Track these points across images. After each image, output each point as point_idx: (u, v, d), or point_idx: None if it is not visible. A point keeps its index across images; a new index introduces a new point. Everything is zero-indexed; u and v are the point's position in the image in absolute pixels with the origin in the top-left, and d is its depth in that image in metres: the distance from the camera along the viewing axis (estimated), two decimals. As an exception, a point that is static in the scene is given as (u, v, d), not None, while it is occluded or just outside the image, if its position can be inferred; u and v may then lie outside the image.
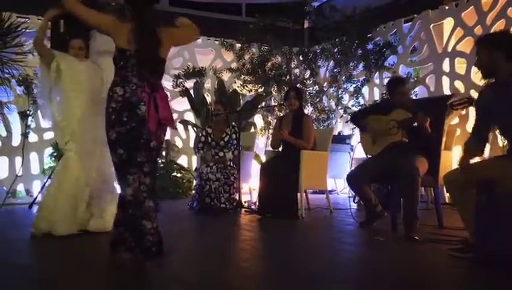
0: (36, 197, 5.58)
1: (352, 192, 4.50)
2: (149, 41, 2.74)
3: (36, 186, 6.58)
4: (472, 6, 6.13)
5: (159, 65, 2.82)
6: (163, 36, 2.81)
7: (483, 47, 2.88)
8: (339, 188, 7.70)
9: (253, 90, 8.00)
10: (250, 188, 6.33)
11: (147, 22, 2.77)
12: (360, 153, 4.69)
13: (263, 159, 6.44)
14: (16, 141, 6.69)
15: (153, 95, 2.74)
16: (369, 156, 4.39)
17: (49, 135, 6.85)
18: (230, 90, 7.79)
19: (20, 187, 6.68)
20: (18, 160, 6.59)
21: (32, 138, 6.75)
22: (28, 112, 6.50)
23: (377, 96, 7.44)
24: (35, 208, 5.28)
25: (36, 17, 6.73)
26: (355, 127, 7.36)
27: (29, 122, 6.59)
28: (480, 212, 2.81)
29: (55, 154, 6.55)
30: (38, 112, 6.68)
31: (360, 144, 4.43)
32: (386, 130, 4.09)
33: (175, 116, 7.87)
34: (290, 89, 5.29)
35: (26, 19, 6.49)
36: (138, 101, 2.67)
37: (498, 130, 3.19)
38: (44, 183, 5.77)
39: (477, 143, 2.96)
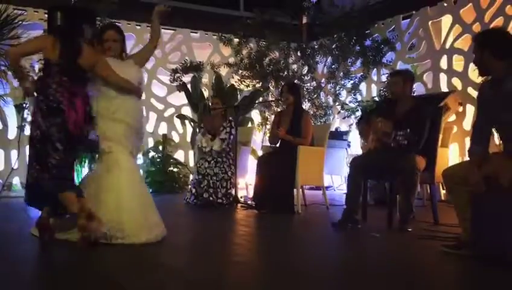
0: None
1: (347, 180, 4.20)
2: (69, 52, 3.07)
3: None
4: (470, 4, 6.13)
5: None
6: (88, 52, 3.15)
7: (476, 45, 2.90)
8: (336, 184, 7.71)
9: (250, 86, 7.99)
10: (246, 184, 6.33)
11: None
12: (356, 149, 4.69)
13: (260, 154, 6.43)
14: (12, 134, 6.66)
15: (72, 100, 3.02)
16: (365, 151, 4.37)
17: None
18: (228, 85, 7.77)
19: (15, 180, 6.66)
20: (14, 153, 6.57)
21: (29, 131, 6.71)
22: (24, 105, 6.47)
23: (374, 93, 7.44)
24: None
25: (33, 10, 6.70)
26: (352, 124, 7.37)
27: (25, 115, 6.56)
28: (476, 209, 2.82)
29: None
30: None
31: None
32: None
33: (172, 110, 7.86)
34: (284, 85, 5.32)
35: (23, 11, 6.46)
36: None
37: (494, 127, 3.20)
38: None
39: (479, 147, 2.94)
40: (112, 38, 3.37)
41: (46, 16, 4.50)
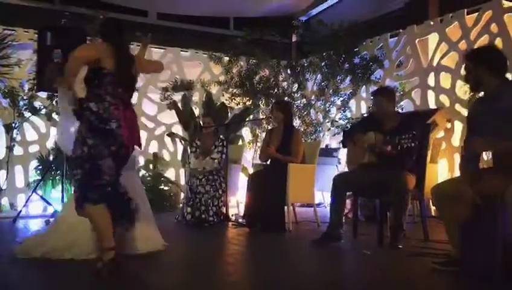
0: (20, 211, 5.50)
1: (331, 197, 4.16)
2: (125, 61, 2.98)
3: (21, 200, 6.49)
4: (456, 22, 6.23)
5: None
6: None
7: (469, 62, 2.93)
8: (327, 201, 7.70)
9: (241, 103, 8.01)
10: (237, 201, 6.31)
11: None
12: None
13: (251, 172, 6.43)
14: (1, 154, 6.61)
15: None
16: (355, 167, 4.32)
17: (34, 148, 6.79)
18: (218, 103, 7.80)
19: (4, 201, 6.58)
20: (2, 173, 6.51)
21: (17, 151, 6.68)
22: (13, 125, 6.44)
23: (363, 110, 7.50)
24: (19, 222, 5.21)
25: (23, 30, 6.70)
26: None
27: (14, 135, 6.53)
28: (465, 226, 2.83)
29: (40, 167, 6.49)
30: (24, 124, 6.63)
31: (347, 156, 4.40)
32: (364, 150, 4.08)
33: (163, 128, 7.85)
34: (274, 102, 5.39)
35: (13, 31, 6.46)
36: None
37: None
38: (29, 196, 5.70)
39: (470, 165, 2.96)
40: None
41: (36, 36, 4.51)
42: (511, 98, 2.73)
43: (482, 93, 3.04)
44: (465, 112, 5.51)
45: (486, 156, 4.77)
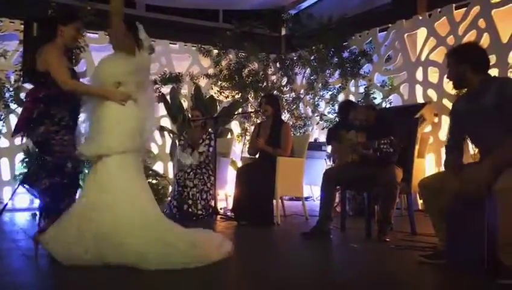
0: (6, 204, 5.42)
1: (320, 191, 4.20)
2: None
3: (6, 193, 6.42)
4: (445, 17, 6.27)
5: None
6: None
7: (452, 59, 2.96)
8: (315, 194, 7.74)
9: (230, 97, 8.00)
10: (226, 195, 6.31)
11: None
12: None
13: (239, 165, 6.43)
14: (-14, 146, 6.53)
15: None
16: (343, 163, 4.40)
17: (20, 140, 6.69)
18: (207, 96, 7.77)
19: (-8, 193, 6.51)
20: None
21: (3, 143, 6.59)
22: (-4, 118, 6.36)
23: (352, 104, 7.52)
24: (4, 215, 5.15)
25: (8, 20, 6.60)
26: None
27: (0, 127, 6.44)
28: (450, 218, 2.87)
29: (26, 160, 6.41)
30: (10, 116, 6.54)
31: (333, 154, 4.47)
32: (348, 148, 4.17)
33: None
34: (263, 96, 5.38)
35: (-1, 22, 6.37)
36: None
37: (469, 139, 3.27)
38: (15, 189, 5.63)
39: (454, 159, 3.00)
40: None
41: (23, 26, 4.44)
42: (493, 94, 2.75)
43: (465, 90, 3.07)
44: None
45: (473, 150, 4.83)
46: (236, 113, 7.63)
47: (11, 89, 6.43)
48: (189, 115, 6.30)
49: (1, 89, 6.27)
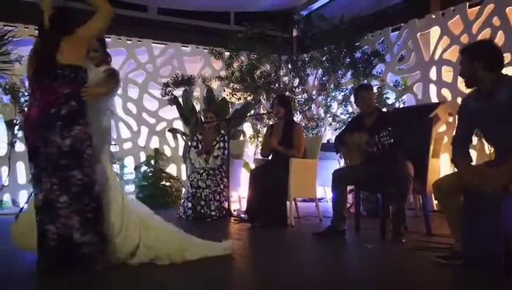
0: (22, 208, 5.49)
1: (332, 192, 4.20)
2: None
3: (23, 196, 6.49)
4: (458, 16, 6.21)
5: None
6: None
7: (465, 57, 2.93)
8: (328, 196, 7.70)
9: (242, 99, 8.01)
10: (239, 197, 6.32)
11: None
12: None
13: (252, 167, 6.43)
14: (2, 150, 6.61)
15: None
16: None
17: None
18: (219, 99, 7.79)
19: (6, 197, 6.59)
20: (4, 170, 6.51)
21: (19, 147, 6.68)
22: (14, 121, 6.43)
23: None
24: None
25: (23, 26, 6.69)
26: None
27: (15, 132, 6.52)
28: (467, 218, 2.83)
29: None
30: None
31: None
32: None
33: (164, 124, 7.84)
34: (275, 97, 5.37)
35: (13, 28, 6.45)
36: None
37: (484, 138, 3.23)
38: (31, 193, 5.69)
39: (461, 157, 2.97)
40: None
41: (37, 31, 4.48)
42: (507, 93, 2.72)
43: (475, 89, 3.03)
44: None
45: (488, 149, 4.77)
46: (248, 115, 7.64)
47: (26, 94, 6.51)
48: (202, 117, 6.33)
49: (16, 94, 6.35)
